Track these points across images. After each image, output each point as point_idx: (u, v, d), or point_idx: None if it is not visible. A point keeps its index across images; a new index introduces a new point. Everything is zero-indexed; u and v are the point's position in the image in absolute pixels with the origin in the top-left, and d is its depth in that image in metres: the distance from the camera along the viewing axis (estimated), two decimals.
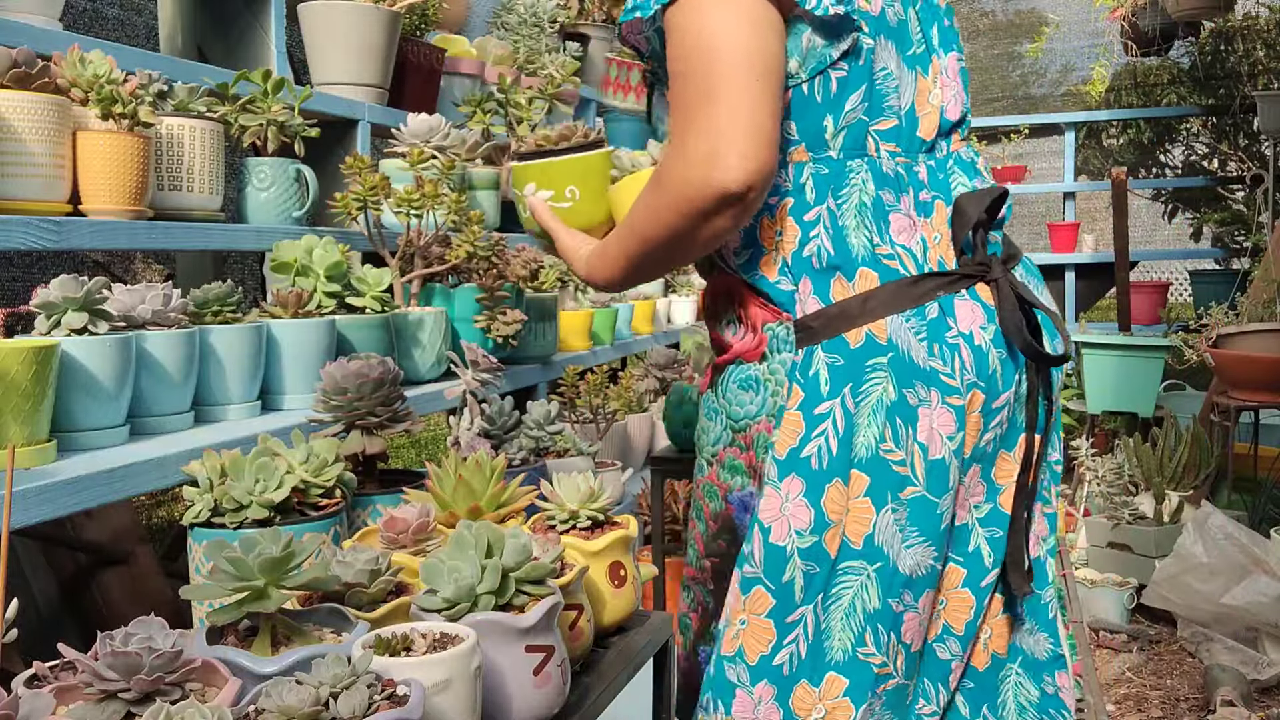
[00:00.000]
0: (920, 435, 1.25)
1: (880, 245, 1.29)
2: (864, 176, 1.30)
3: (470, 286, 2.26)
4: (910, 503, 1.26)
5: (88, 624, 2.54)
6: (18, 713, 0.81)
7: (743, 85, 1.17)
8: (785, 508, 1.27)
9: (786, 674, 1.29)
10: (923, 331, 1.27)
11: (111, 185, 1.74)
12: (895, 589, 1.27)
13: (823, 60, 1.26)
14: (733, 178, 1.16)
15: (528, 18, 3.83)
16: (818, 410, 1.27)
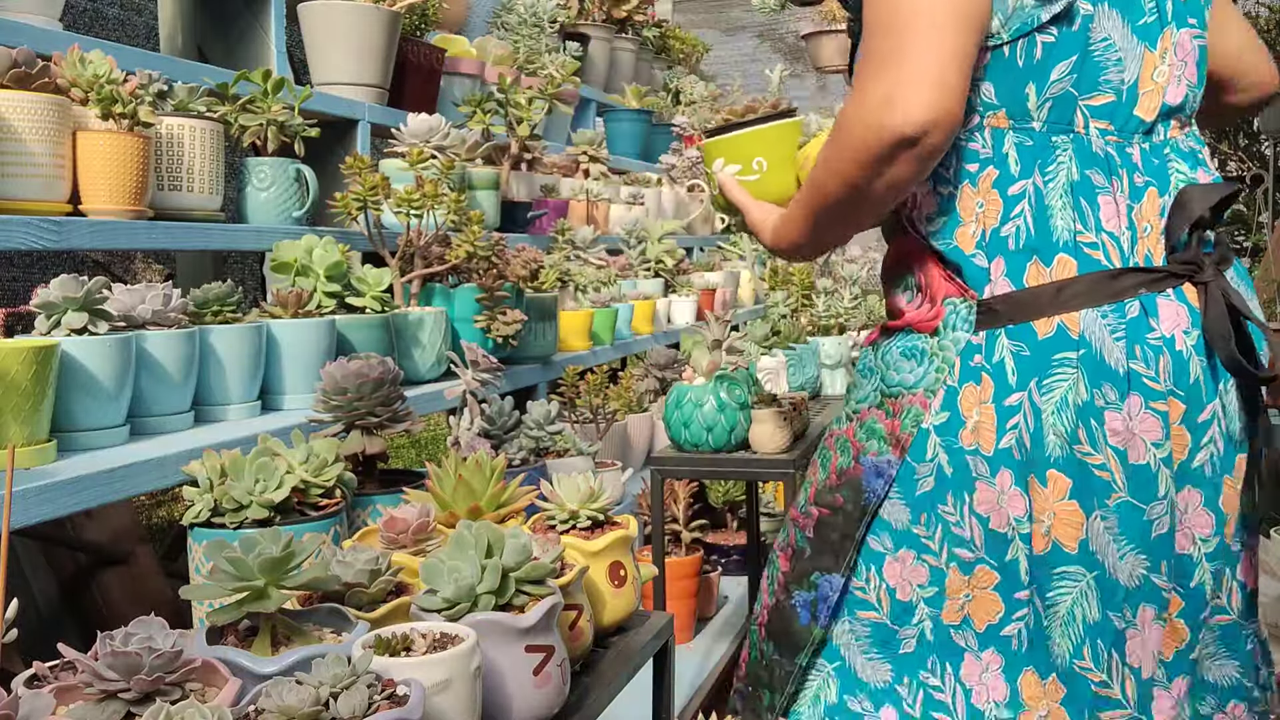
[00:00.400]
0: (1113, 440, 1.19)
1: (1084, 232, 1.21)
2: (1070, 155, 1.22)
3: (470, 286, 2.26)
4: (1118, 509, 1.20)
5: (88, 624, 2.54)
6: (18, 713, 0.81)
7: (928, 32, 1.14)
8: (1001, 499, 1.24)
9: (1015, 648, 1.26)
10: (1120, 330, 1.19)
11: (111, 185, 1.74)
12: (1116, 602, 1.22)
13: (1029, 21, 1.19)
14: (908, 121, 1.13)
15: (528, 18, 3.83)
16: (1007, 402, 1.22)
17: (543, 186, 3.31)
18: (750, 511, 2.91)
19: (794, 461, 2.19)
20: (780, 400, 2.25)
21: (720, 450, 2.21)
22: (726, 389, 2.20)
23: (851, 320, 3.34)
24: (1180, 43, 1.25)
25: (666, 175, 4.54)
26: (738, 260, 4.48)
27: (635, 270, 3.60)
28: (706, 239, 4.71)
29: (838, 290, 3.37)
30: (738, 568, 3.08)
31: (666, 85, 5.34)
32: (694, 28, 6.77)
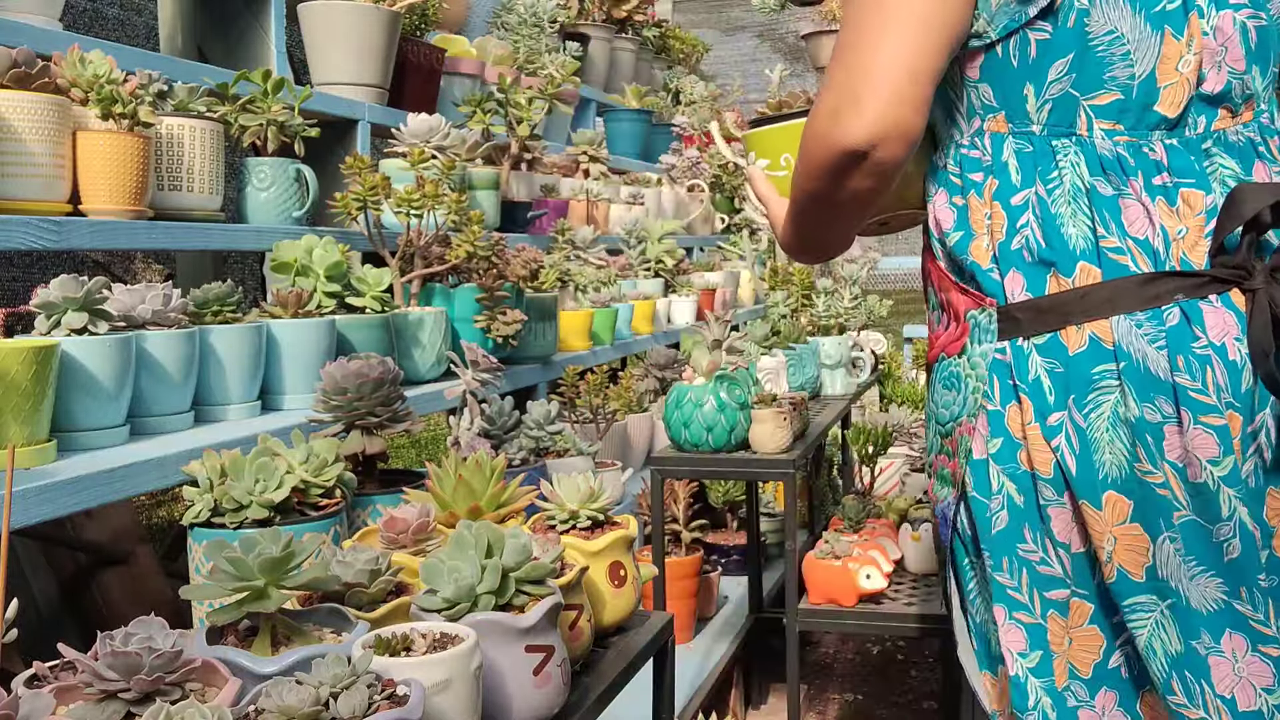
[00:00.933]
0: (1171, 455, 1.09)
1: (1107, 237, 1.12)
2: (1074, 159, 1.14)
3: (470, 286, 2.26)
4: (1183, 528, 1.10)
5: (88, 624, 2.53)
6: (18, 713, 0.81)
7: (882, 36, 1.09)
8: (1073, 521, 1.14)
9: (1125, 676, 1.16)
10: (1161, 339, 1.09)
11: (111, 185, 1.74)
12: (1195, 629, 1.11)
13: (1016, 18, 1.12)
14: (852, 134, 1.09)
15: (528, 18, 3.83)
16: (1050, 421, 1.13)
17: (543, 186, 3.32)
18: (750, 511, 2.91)
19: (794, 461, 2.19)
20: (780, 400, 2.25)
21: (720, 450, 2.21)
22: (726, 389, 2.20)
23: (851, 320, 3.34)
24: (1220, 27, 1.12)
25: (666, 175, 4.55)
26: (738, 260, 4.48)
27: (635, 270, 3.61)
28: (706, 239, 4.71)
29: (838, 290, 3.38)
30: (738, 568, 3.08)
31: (666, 85, 5.34)
32: (694, 28, 6.77)
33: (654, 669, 1.48)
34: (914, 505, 2.68)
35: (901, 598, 2.35)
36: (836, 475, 3.66)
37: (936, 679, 3.19)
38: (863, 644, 3.51)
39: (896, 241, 7.17)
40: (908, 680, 3.25)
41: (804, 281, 3.42)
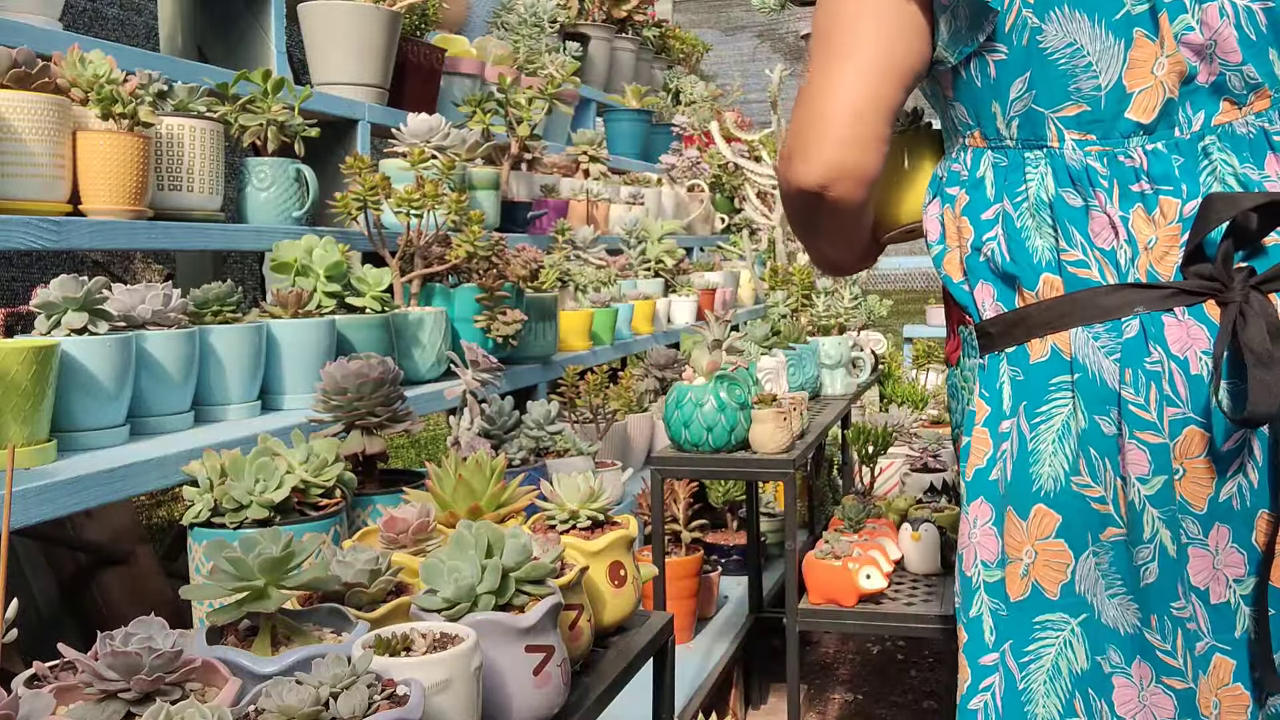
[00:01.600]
0: (1123, 469, 1.08)
1: (1069, 250, 1.11)
2: (1043, 171, 1.14)
3: (470, 286, 2.26)
4: (1113, 547, 1.10)
5: (88, 624, 2.54)
6: (18, 713, 0.81)
7: (833, 79, 1.13)
8: (973, 534, 1.15)
9: None
10: (1116, 352, 1.09)
11: (111, 185, 1.74)
12: (1102, 645, 1.11)
13: (969, 43, 1.14)
14: (805, 178, 1.15)
15: (528, 18, 3.83)
16: (1001, 428, 1.14)
17: (543, 186, 3.32)
18: (750, 511, 2.91)
19: (794, 461, 2.19)
20: (780, 400, 2.25)
21: (720, 450, 2.21)
22: (726, 389, 2.20)
23: (851, 320, 3.34)
24: (1205, 21, 1.08)
25: (666, 175, 4.55)
26: (738, 260, 4.48)
27: (635, 270, 3.61)
28: (706, 239, 4.71)
29: (838, 290, 3.38)
30: (738, 568, 3.08)
31: (666, 85, 5.34)
32: (694, 28, 6.77)
33: (654, 669, 1.48)
34: (914, 505, 2.68)
35: (901, 598, 2.35)
36: (836, 475, 3.66)
37: (936, 679, 3.19)
38: (863, 644, 3.51)
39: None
40: (908, 680, 3.25)
41: (804, 281, 3.42)
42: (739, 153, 4.54)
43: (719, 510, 3.20)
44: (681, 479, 2.77)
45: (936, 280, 1.44)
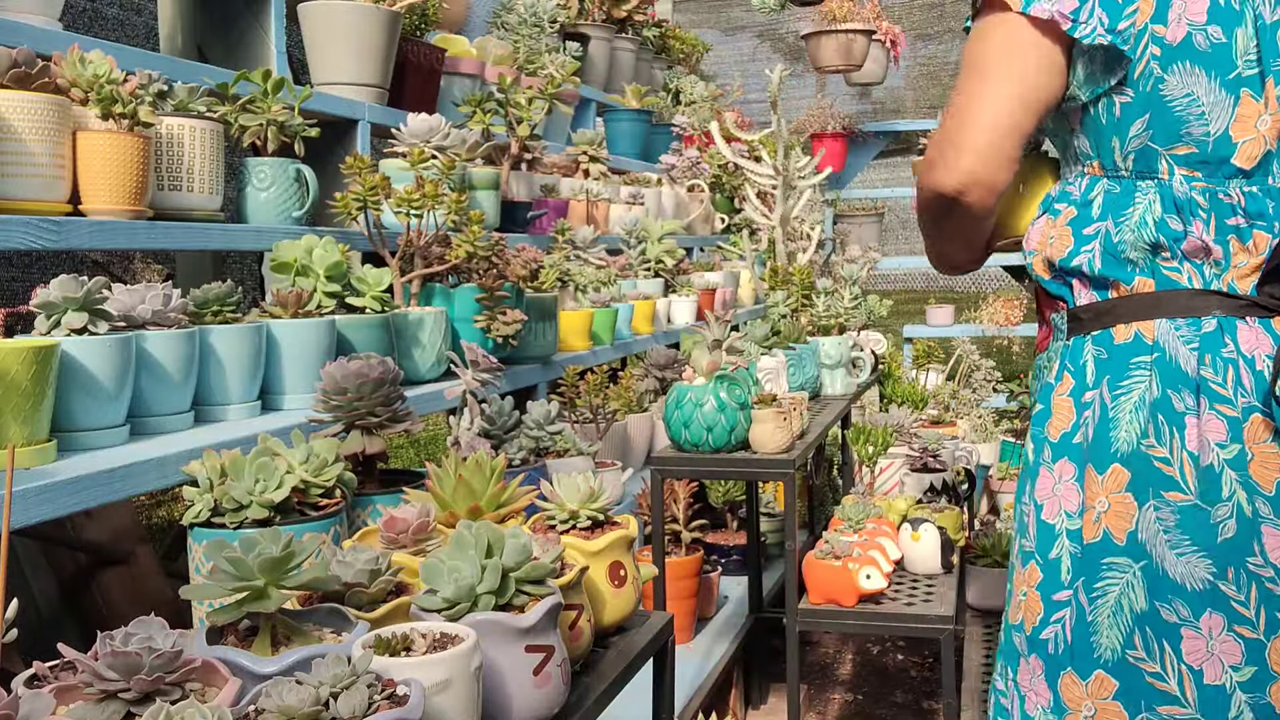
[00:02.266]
0: (1190, 444, 1.27)
1: (1166, 257, 1.32)
2: (1151, 198, 1.33)
3: (470, 286, 2.26)
4: (1180, 510, 1.26)
5: (88, 624, 2.54)
6: (18, 713, 0.81)
7: (977, 102, 1.33)
8: (1057, 488, 1.35)
9: (1051, 652, 1.33)
10: (1195, 341, 1.29)
11: (111, 185, 1.74)
12: (1163, 593, 1.27)
13: (1100, 85, 1.33)
14: (945, 183, 1.34)
15: (528, 18, 3.83)
16: (1084, 398, 1.34)
17: (543, 186, 3.32)
18: (750, 511, 2.91)
19: (794, 461, 2.19)
20: (780, 400, 2.25)
21: (720, 450, 2.21)
22: (726, 389, 2.20)
23: (851, 320, 3.34)
24: None
25: (666, 175, 4.54)
26: (738, 260, 4.48)
27: (635, 270, 3.61)
28: (706, 239, 4.71)
29: (838, 290, 3.38)
30: (738, 568, 3.08)
31: (666, 85, 5.34)
32: (694, 28, 6.76)
33: (654, 669, 1.48)
34: (914, 505, 2.68)
35: (901, 598, 2.35)
36: (836, 475, 3.66)
37: (936, 679, 3.19)
38: (863, 644, 3.51)
39: (896, 242, 7.17)
40: (908, 680, 3.25)
41: (804, 281, 3.43)
42: (739, 153, 4.54)
43: (719, 510, 3.20)
44: (681, 479, 2.77)
45: (937, 280, 1.66)
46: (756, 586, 2.89)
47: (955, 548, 2.52)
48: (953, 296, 7.45)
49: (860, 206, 6.32)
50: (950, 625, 2.22)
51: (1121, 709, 1.29)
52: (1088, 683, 1.30)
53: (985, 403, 5.18)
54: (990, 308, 5.80)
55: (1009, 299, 5.82)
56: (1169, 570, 1.26)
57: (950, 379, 5.21)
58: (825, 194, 6.16)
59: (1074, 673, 1.31)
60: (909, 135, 6.83)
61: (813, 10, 5.35)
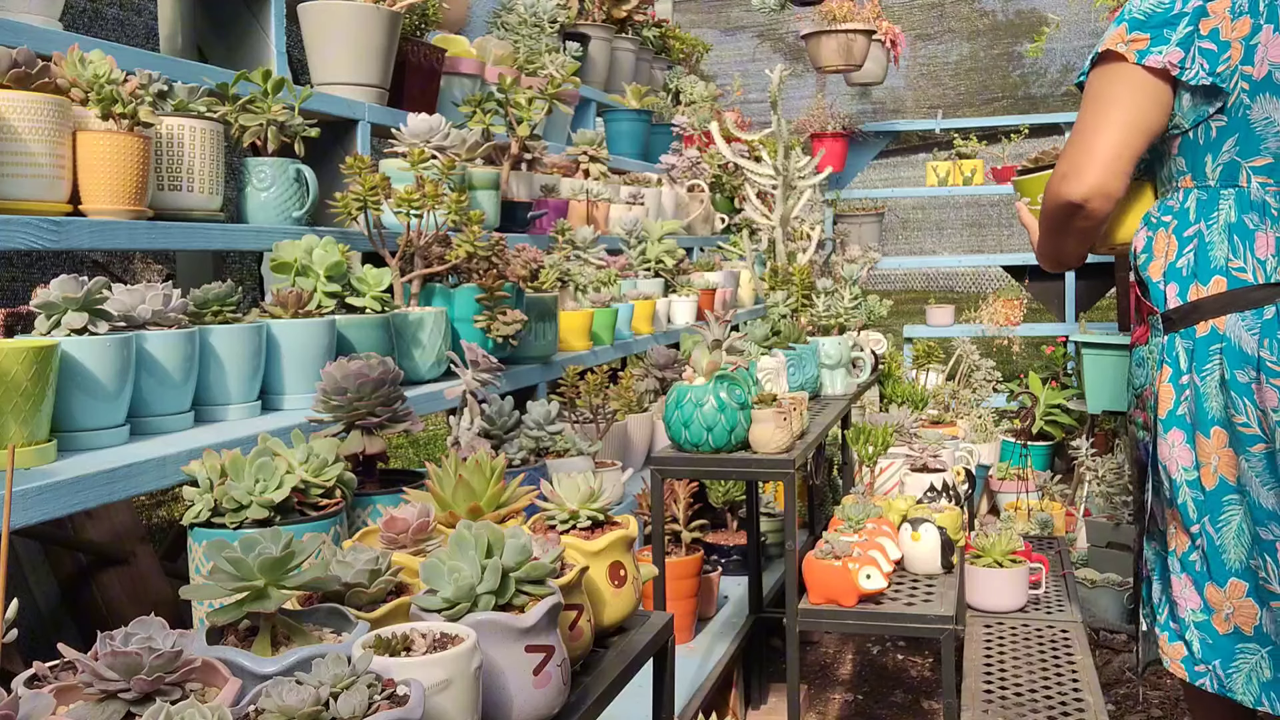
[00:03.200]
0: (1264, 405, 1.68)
1: (1234, 259, 1.74)
2: (1231, 203, 1.77)
3: (470, 286, 2.26)
4: (1264, 457, 1.70)
5: (88, 624, 2.54)
6: (18, 713, 0.81)
7: (1100, 129, 1.75)
8: (1173, 452, 1.81)
9: (1198, 570, 1.82)
10: (1256, 328, 1.71)
11: (111, 185, 1.74)
12: (1262, 519, 1.71)
13: (1201, 114, 1.77)
14: (1075, 193, 1.76)
15: (528, 18, 3.83)
16: (1181, 381, 1.80)
17: (543, 186, 3.31)
18: (750, 511, 2.91)
19: (794, 461, 2.19)
20: (780, 400, 2.25)
21: (720, 450, 2.21)
22: (726, 389, 2.20)
23: (851, 320, 3.33)
24: None
25: (666, 175, 4.54)
26: (738, 260, 4.48)
27: (635, 270, 3.60)
28: (706, 239, 4.71)
29: (838, 290, 3.37)
30: (738, 568, 3.08)
31: (666, 85, 5.34)
32: (694, 28, 6.76)
33: (654, 669, 1.48)
34: (914, 505, 2.68)
35: (901, 598, 2.35)
36: (836, 475, 3.66)
37: (936, 679, 3.19)
38: (863, 644, 3.51)
39: (896, 242, 7.17)
40: (908, 680, 3.25)
41: (804, 281, 3.42)
42: (739, 153, 4.54)
43: (719, 510, 3.20)
44: (681, 479, 2.77)
45: (936, 281, 1.93)
46: (756, 586, 2.89)
47: (955, 548, 2.52)
48: (953, 297, 7.45)
49: (860, 206, 6.32)
50: (950, 625, 2.22)
51: (1253, 604, 1.75)
52: (1225, 588, 1.77)
53: (985, 403, 5.18)
54: (990, 308, 5.80)
55: (1009, 299, 5.82)
56: (1262, 502, 1.70)
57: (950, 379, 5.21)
58: (825, 194, 6.16)
59: (1214, 584, 1.78)
60: (909, 135, 6.84)
61: (813, 10, 5.35)
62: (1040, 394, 5.10)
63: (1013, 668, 2.42)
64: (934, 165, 6.15)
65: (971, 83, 6.88)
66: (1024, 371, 5.58)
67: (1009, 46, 7.15)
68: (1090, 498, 4.10)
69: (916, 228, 7.28)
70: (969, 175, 6.05)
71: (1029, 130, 6.32)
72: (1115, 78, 1.76)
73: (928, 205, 7.14)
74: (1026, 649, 2.52)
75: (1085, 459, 4.16)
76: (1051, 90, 7.09)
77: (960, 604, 2.60)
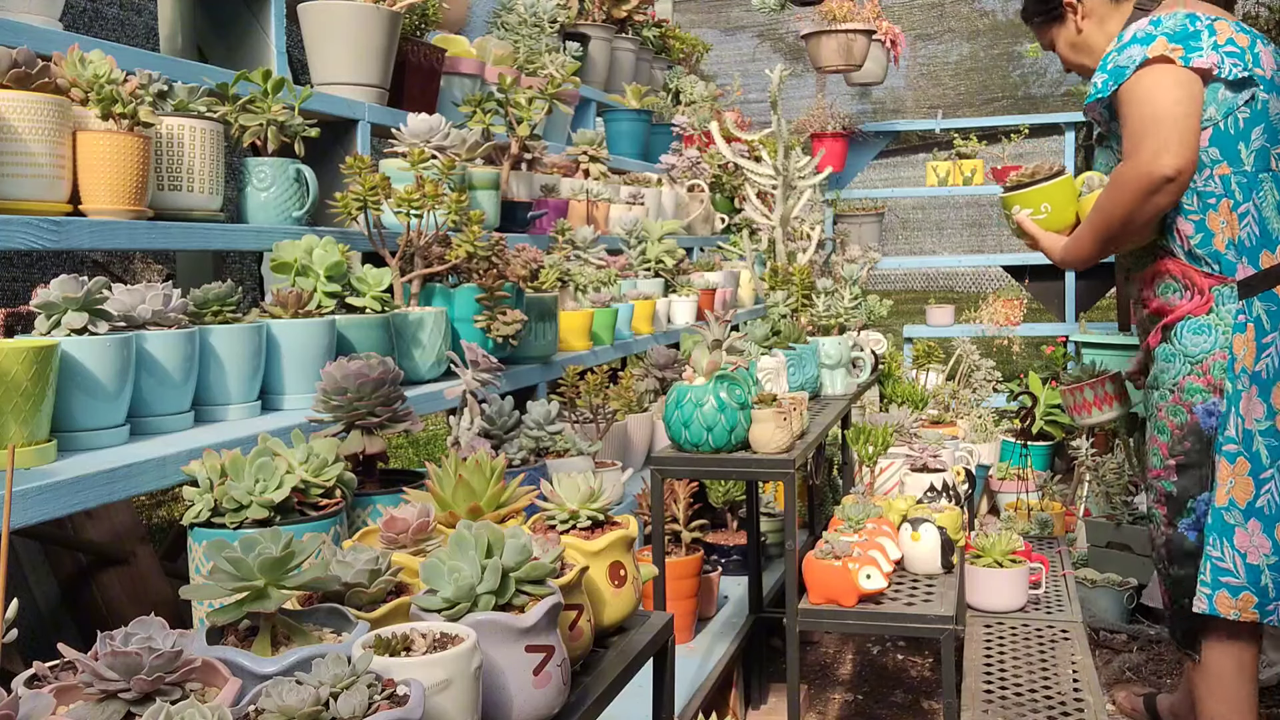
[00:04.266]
0: None
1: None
2: (1270, 184, 2.18)
3: (470, 286, 2.26)
4: None
5: (88, 624, 2.54)
6: (18, 713, 0.81)
7: (1171, 116, 2.09)
8: (1251, 406, 2.11)
9: (1268, 513, 2.12)
10: None
11: (111, 185, 1.74)
12: None
13: (1231, 106, 2.15)
14: (1169, 165, 2.07)
15: (528, 18, 3.83)
16: (1264, 340, 2.13)
17: (543, 186, 3.31)
18: (750, 511, 2.91)
19: (794, 461, 2.19)
20: (780, 400, 2.25)
21: (720, 450, 2.21)
22: (726, 389, 2.20)
23: (851, 320, 3.33)
24: None
25: (666, 175, 4.54)
26: (738, 260, 4.48)
27: (635, 270, 3.60)
28: (706, 239, 4.71)
29: (838, 290, 3.37)
30: (738, 568, 3.08)
31: (666, 85, 5.34)
32: (694, 28, 6.76)
33: (654, 669, 1.48)
34: (914, 505, 2.68)
35: (901, 598, 2.35)
36: (836, 475, 3.66)
37: (936, 679, 3.19)
38: (863, 644, 3.51)
39: (896, 242, 7.17)
40: (908, 680, 3.25)
41: (804, 281, 3.42)
42: (739, 153, 4.54)
43: (719, 510, 3.20)
44: (681, 479, 2.76)
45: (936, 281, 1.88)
46: (756, 586, 2.89)
47: (955, 548, 2.52)
48: (953, 296, 7.45)
49: (860, 206, 6.32)
50: (950, 625, 2.22)
51: None
52: None
53: (985, 403, 5.18)
54: (990, 308, 5.79)
55: (1009, 299, 5.82)
56: None
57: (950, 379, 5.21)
58: (825, 194, 6.16)
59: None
60: (909, 135, 6.83)
61: (813, 10, 5.35)
62: (1040, 394, 5.10)
63: (1013, 668, 2.42)
64: (934, 165, 6.15)
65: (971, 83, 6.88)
66: (1024, 371, 5.58)
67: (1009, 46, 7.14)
68: (1090, 498, 4.10)
69: (916, 228, 7.28)
70: (969, 175, 6.06)
71: (1029, 130, 6.32)
72: (1168, 76, 2.11)
73: (928, 205, 7.14)
74: (1026, 649, 2.52)
75: (1085, 459, 4.16)
76: (1051, 90, 7.09)
77: (960, 604, 2.60)
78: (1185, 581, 2.23)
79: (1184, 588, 2.24)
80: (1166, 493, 2.24)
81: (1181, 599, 2.25)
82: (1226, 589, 2.15)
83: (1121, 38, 2.24)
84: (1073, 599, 2.83)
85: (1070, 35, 2.48)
